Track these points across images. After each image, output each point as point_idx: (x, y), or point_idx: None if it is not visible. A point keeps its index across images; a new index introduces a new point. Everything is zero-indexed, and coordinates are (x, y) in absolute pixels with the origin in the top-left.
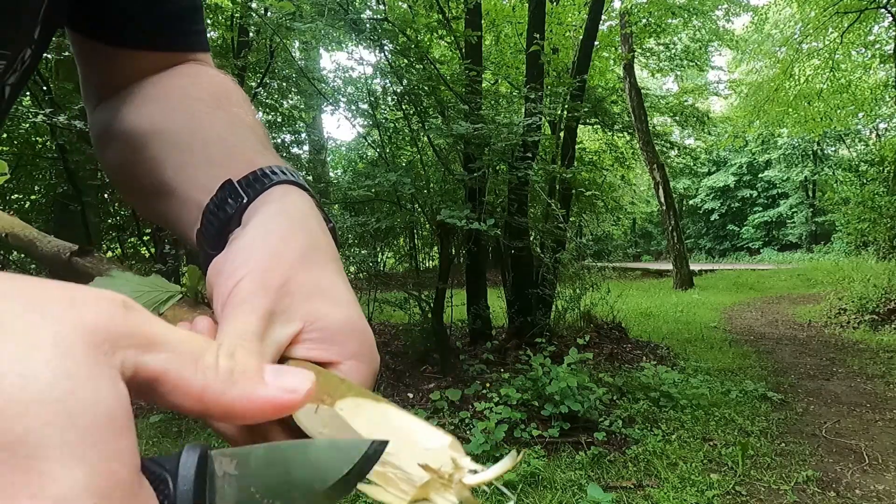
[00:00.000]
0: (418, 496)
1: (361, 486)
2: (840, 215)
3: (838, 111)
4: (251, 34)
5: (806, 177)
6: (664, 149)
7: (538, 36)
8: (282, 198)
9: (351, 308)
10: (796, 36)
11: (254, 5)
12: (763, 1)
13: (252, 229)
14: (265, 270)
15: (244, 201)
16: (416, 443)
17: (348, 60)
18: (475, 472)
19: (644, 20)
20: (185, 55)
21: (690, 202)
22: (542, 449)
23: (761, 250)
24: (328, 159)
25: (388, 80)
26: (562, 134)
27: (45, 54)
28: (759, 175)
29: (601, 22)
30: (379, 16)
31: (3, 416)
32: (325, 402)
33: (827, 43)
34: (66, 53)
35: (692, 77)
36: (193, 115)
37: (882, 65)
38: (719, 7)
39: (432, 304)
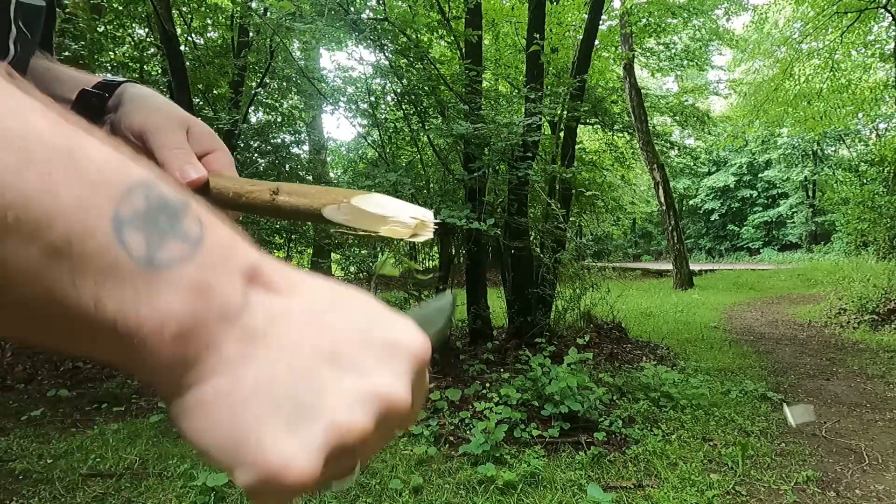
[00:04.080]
0: (413, 233)
1: (382, 229)
2: (840, 215)
3: (838, 111)
4: (251, 34)
5: (806, 177)
6: (664, 149)
7: (538, 36)
8: (140, 86)
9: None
10: (796, 36)
11: (254, 5)
12: (763, 0)
13: (150, 97)
14: (184, 115)
15: (118, 83)
16: (408, 209)
17: (348, 60)
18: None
19: (644, 20)
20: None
21: (690, 202)
22: (542, 449)
23: (761, 250)
24: (328, 159)
25: (388, 80)
26: (562, 134)
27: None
28: (759, 175)
29: (601, 22)
30: (379, 16)
31: (409, 346)
32: (343, 202)
33: (827, 43)
34: (67, 54)
35: (692, 77)
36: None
37: (882, 64)
38: (719, 6)
39: None
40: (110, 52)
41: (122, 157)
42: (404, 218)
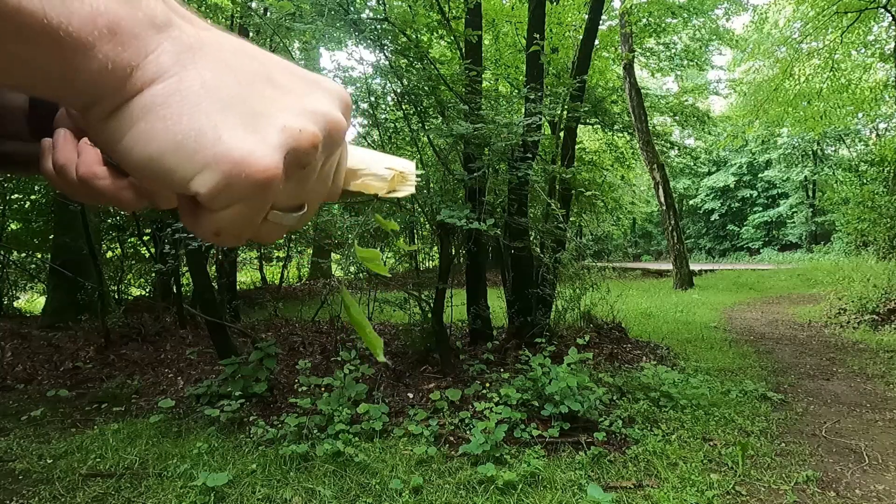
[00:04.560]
0: (390, 188)
1: (354, 184)
2: (840, 215)
3: (838, 111)
4: (251, 34)
5: (806, 177)
6: (664, 149)
7: (538, 36)
8: None
9: None
10: (796, 36)
11: (254, 5)
12: (763, 0)
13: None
14: None
15: None
16: (383, 160)
17: (348, 60)
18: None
19: (644, 20)
20: None
21: (690, 202)
22: (542, 449)
23: (761, 250)
24: None
25: (388, 80)
26: (562, 134)
27: None
28: (759, 175)
29: (601, 22)
30: (379, 16)
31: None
32: None
33: (827, 43)
34: None
35: (692, 77)
36: None
37: (882, 64)
38: (719, 6)
39: (432, 304)
40: None
41: None
42: (378, 169)
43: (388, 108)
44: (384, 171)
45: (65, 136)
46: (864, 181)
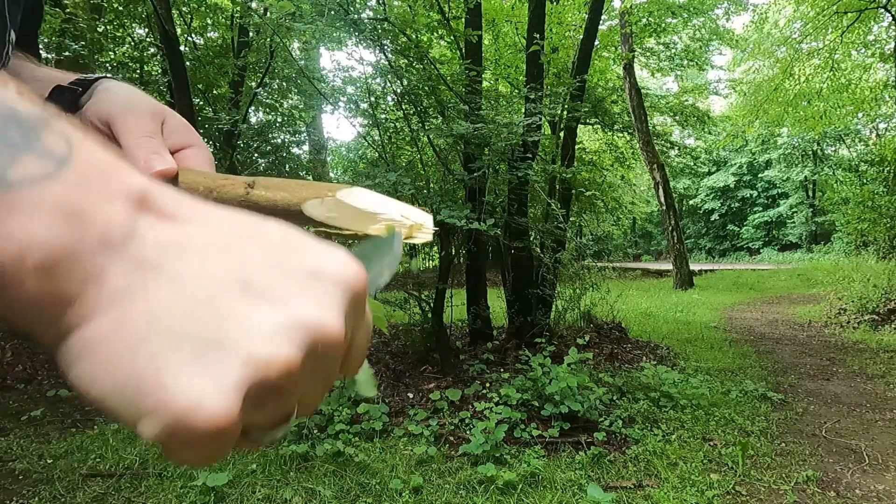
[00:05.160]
0: (407, 234)
1: (372, 228)
2: (840, 215)
3: (838, 111)
4: (251, 34)
5: (806, 177)
6: (664, 149)
7: (538, 36)
8: (114, 80)
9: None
10: (796, 35)
11: (254, 5)
12: (763, 0)
13: (123, 88)
14: (158, 105)
15: (94, 77)
16: (400, 208)
17: (348, 60)
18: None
19: (644, 20)
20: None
21: (690, 202)
22: (542, 449)
23: (761, 250)
24: (328, 159)
25: (388, 80)
26: (562, 134)
27: (46, 55)
28: (759, 175)
29: (601, 22)
30: (379, 16)
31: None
32: (327, 195)
33: (827, 43)
34: (67, 54)
35: (692, 77)
36: None
37: (882, 64)
38: (719, 6)
39: (432, 304)
40: (110, 52)
41: None
42: (396, 216)
43: (388, 108)
44: (401, 218)
45: None
46: (864, 181)
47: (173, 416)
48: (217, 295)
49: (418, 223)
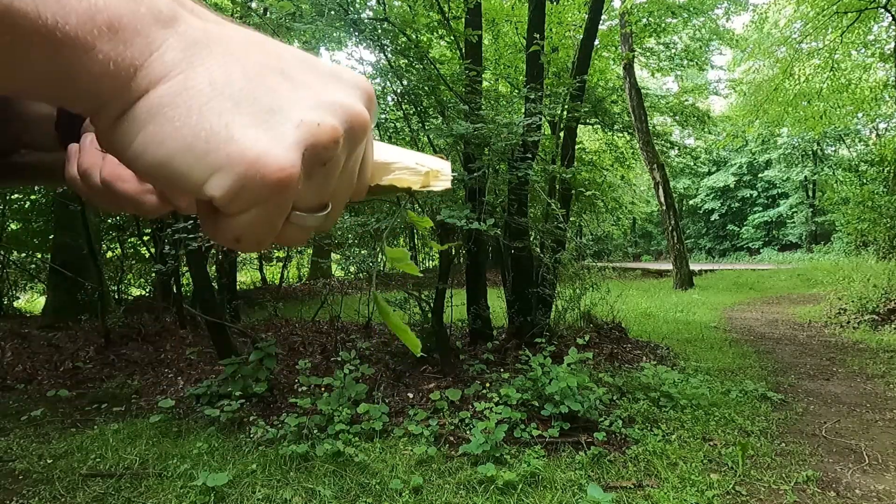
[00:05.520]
0: (424, 182)
1: (386, 179)
2: (840, 215)
3: (838, 111)
4: None
5: (806, 177)
6: (664, 149)
7: (538, 36)
8: None
9: None
10: (796, 35)
11: (254, 5)
12: (763, 0)
13: None
14: None
15: None
16: (415, 156)
17: (348, 60)
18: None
19: (644, 20)
20: None
21: (690, 202)
22: (542, 449)
23: (761, 250)
24: None
25: (388, 80)
26: (562, 134)
27: None
28: (759, 175)
29: (601, 22)
30: (379, 16)
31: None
32: None
33: (827, 43)
34: None
35: (692, 77)
36: None
37: (882, 64)
38: (719, 6)
39: (432, 304)
40: None
41: None
42: (410, 163)
43: (388, 108)
44: (416, 165)
45: (91, 141)
46: (864, 181)
47: (245, 165)
48: (263, 73)
49: (435, 170)
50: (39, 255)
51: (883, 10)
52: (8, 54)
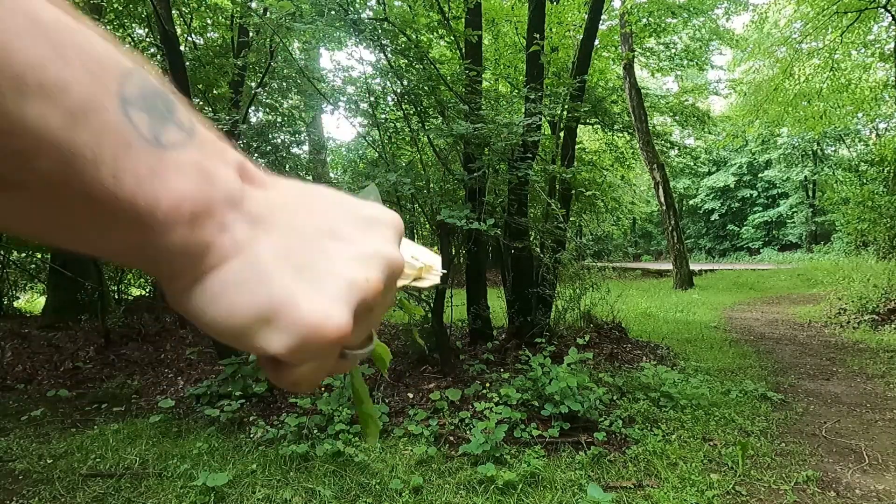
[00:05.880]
0: (417, 275)
1: None
2: (840, 215)
3: (838, 111)
4: (251, 34)
5: (806, 177)
6: (664, 149)
7: (538, 36)
8: None
9: None
10: (796, 35)
11: (254, 5)
12: (763, 0)
13: None
14: None
15: None
16: (409, 248)
17: (348, 60)
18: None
19: (644, 20)
20: None
21: (690, 202)
22: (542, 449)
23: (761, 250)
24: (328, 159)
25: (388, 80)
26: (562, 134)
27: None
28: (759, 175)
29: (601, 22)
30: (379, 16)
31: (387, 218)
32: None
33: (827, 43)
34: None
35: (692, 77)
36: None
37: (882, 64)
38: (719, 6)
39: (432, 304)
40: None
41: (114, 43)
42: (407, 257)
43: (388, 108)
44: (412, 259)
45: None
46: (864, 181)
47: (308, 328)
48: (317, 238)
49: (428, 264)
50: (39, 255)
51: (883, 10)
52: (94, 232)
